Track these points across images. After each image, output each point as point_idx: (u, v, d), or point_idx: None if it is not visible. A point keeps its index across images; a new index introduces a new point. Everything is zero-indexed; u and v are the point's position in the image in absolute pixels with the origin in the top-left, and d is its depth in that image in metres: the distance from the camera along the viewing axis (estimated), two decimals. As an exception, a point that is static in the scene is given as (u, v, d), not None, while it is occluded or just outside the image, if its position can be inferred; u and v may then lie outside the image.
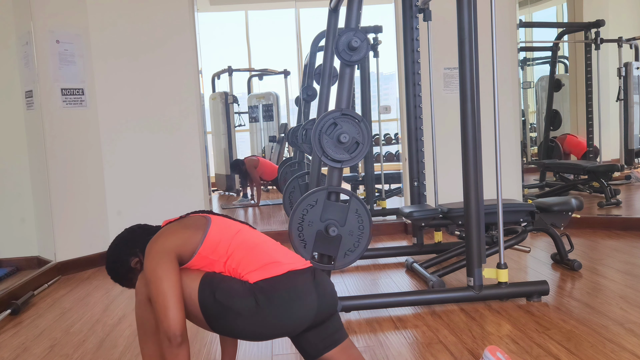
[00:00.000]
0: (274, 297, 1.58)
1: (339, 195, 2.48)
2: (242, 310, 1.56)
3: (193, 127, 4.15)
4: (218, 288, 1.59)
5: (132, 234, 1.78)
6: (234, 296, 1.57)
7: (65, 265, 3.79)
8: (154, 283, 1.56)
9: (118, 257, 1.75)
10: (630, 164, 5.60)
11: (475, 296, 2.65)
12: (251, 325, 1.58)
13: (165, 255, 1.59)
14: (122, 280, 1.79)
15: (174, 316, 1.52)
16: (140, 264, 1.74)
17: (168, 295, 1.54)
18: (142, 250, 1.73)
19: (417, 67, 3.80)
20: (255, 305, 1.56)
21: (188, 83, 4.14)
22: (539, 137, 6.03)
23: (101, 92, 4.05)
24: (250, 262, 1.63)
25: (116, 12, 4.02)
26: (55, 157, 3.77)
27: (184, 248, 1.63)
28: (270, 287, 1.59)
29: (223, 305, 1.57)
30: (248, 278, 1.60)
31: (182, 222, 1.72)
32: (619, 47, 5.40)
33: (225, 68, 8.06)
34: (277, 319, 1.58)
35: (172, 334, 1.52)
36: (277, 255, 1.67)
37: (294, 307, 1.59)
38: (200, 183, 4.19)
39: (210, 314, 1.59)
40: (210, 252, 1.64)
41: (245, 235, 1.71)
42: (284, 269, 1.63)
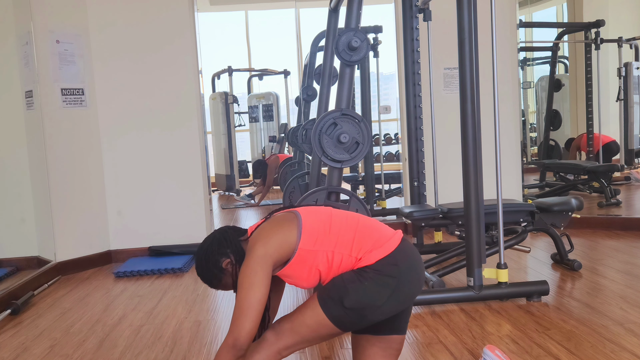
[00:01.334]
0: (399, 273, 1.56)
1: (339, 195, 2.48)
2: (376, 300, 1.54)
3: (193, 127, 4.15)
4: (342, 296, 1.54)
5: (224, 235, 1.71)
6: (362, 293, 1.54)
7: (65, 265, 3.79)
8: (245, 288, 1.53)
9: (210, 257, 1.69)
10: (630, 164, 5.60)
11: (475, 296, 2.65)
12: (389, 308, 1.57)
13: (264, 262, 1.55)
14: (211, 280, 1.72)
15: (250, 329, 1.50)
16: (231, 265, 1.67)
17: (252, 306, 1.51)
18: (233, 251, 1.68)
19: (417, 67, 3.80)
20: (385, 288, 1.55)
21: (188, 83, 4.14)
22: (539, 137, 6.04)
23: (101, 92, 4.05)
24: (361, 244, 1.59)
25: (116, 12, 4.02)
26: (55, 157, 3.77)
27: (283, 248, 1.58)
28: (392, 263, 1.57)
29: (357, 308, 1.54)
30: (366, 261, 1.56)
31: (273, 222, 1.66)
32: (619, 47, 5.40)
33: (225, 68, 8.07)
34: (407, 292, 1.59)
35: (240, 344, 1.50)
36: (381, 230, 1.65)
37: (415, 276, 1.60)
38: (200, 183, 4.19)
39: (347, 322, 1.56)
40: (312, 244, 1.58)
41: (340, 218, 1.66)
42: (394, 242, 1.61)
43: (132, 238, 4.11)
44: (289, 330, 1.59)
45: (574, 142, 5.77)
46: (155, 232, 4.11)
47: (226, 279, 1.69)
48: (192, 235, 4.11)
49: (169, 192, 4.14)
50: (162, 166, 4.13)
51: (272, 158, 6.74)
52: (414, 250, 1.65)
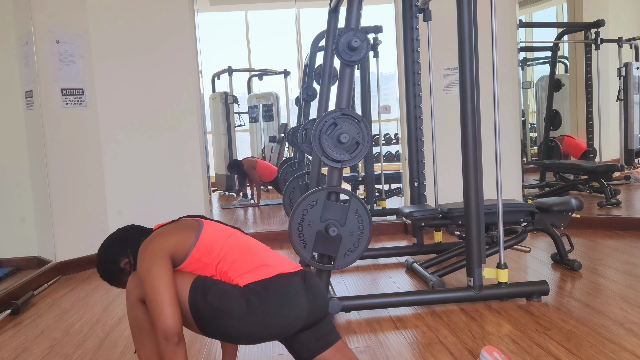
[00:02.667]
0: (265, 299, 1.58)
1: (339, 195, 2.48)
2: (234, 312, 1.56)
3: (193, 127, 4.15)
4: (210, 290, 1.58)
5: (125, 234, 1.79)
6: (226, 298, 1.57)
7: (65, 265, 3.79)
8: (149, 282, 1.55)
9: (109, 256, 1.76)
10: (630, 164, 5.60)
11: (475, 296, 2.65)
12: (243, 327, 1.58)
13: (160, 255, 1.59)
14: (111, 279, 1.79)
15: (170, 314, 1.52)
16: (130, 264, 1.74)
17: (164, 294, 1.53)
18: (133, 251, 1.73)
19: (417, 67, 3.80)
20: (247, 307, 1.56)
21: (188, 83, 4.14)
22: (539, 137, 6.03)
23: (101, 92, 4.05)
24: (241, 265, 1.63)
25: (116, 12, 4.02)
26: (55, 157, 3.77)
27: (178, 249, 1.63)
28: (261, 289, 1.59)
29: (214, 307, 1.57)
30: (238, 281, 1.61)
31: (175, 225, 1.72)
32: (619, 47, 5.40)
33: (225, 68, 8.06)
34: (269, 321, 1.59)
35: (170, 332, 1.52)
36: (267, 259, 1.68)
37: (285, 309, 1.60)
38: (200, 183, 4.19)
39: (201, 316, 1.59)
40: (203, 255, 1.64)
41: (238, 239, 1.71)
42: (274, 271, 1.64)
43: (132, 238, 4.10)
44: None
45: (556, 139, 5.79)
46: (155, 232, 4.11)
47: (124, 278, 1.75)
48: (192, 235, 4.10)
49: (169, 192, 4.14)
50: (162, 166, 4.13)
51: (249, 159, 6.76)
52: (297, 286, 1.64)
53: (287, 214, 4.82)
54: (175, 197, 4.14)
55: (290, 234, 2.42)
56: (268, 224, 5.29)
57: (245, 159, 6.74)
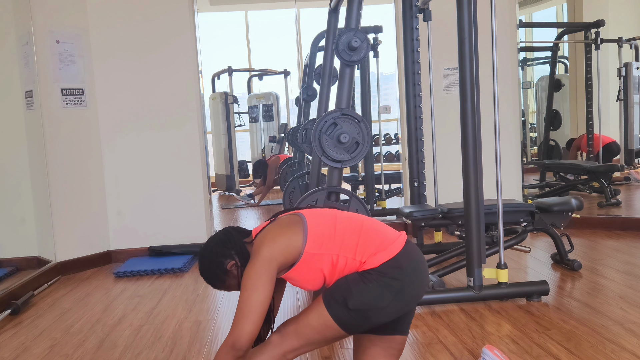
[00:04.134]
0: (403, 277, 1.56)
1: (339, 195, 2.48)
2: (380, 302, 1.54)
3: (193, 127, 4.15)
4: (346, 298, 1.54)
5: (228, 236, 1.70)
6: (367, 295, 1.54)
7: (65, 265, 3.79)
8: (248, 290, 1.52)
9: (214, 259, 1.68)
10: (630, 164, 5.60)
11: (475, 296, 2.65)
12: (393, 310, 1.57)
13: (269, 264, 1.55)
14: (214, 281, 1.71)
15: (250, 330, 1.50)
16: (235, 266, 1.66)
17: (255, 307, 1.51)
18: (237, 252, 1.67)
19: (417, 67, 3.80)
20: (389, 290, 1.54)
21: (188, 83, 4.13)
22: (539, 137, 6.03)
23: (101, 92, 4.05)
24: (366, 247, 1.59)
25: (116, 12, 4.02)
26: (55, 157, 3.77)
27: (289, 251, 1.58)
28: (396, 265, 1.56)
29: (362, 310, 1.54)
30: (371, 263, 1.56)
31: (278, 224, 1.66)
32: (619, 47, 5.40)
33: (225, 68, 8.07)
34: (412, 294, 1.58)
35: (239, 345, 1.49)
36: (385, 233, 1.64)
37: (419, 277, 1.60)
38: (200, 183, 4.19)
39: (351, 324, 1.56)
40: (317, 247, 1.58)
41: (345, 220, 1.66)
42: (399, 245, 1.61)
43: (132, 238, 4.11)
44: (294, 332, 1.58)
45: (575, 142, 5.77)
46: (155, 232, 4.11)
47: (230, 280, 1.68)
48: (192, 235, 4.11)
49: (169, 192, 4.14)
50: (162, 166, 4.13)
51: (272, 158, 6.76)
52: (418, 253, 1.65)
53: (287, 214, 4.81)
54: (175, 197, 4.14)
55: (290, 234, 2.42)
56: (268, 224, 5.28)
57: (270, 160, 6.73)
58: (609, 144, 5.47)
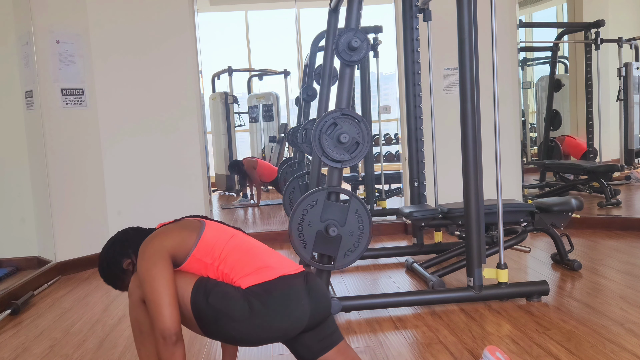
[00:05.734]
0: (267, 302, 1.57)
1: (339, 195, 2.48)
2: (236, 314, 1.56)
3: (193, 127, 4.15)
4: (212, 292, 1.58)
5: (125, 235, 1.79)
6: (228, 300, 1.56)
7: (65, 265, 3.79)
8: (148, 282, 1.55)
9: (110, 259, 1.75)
10: (630, 164, 5.60)
11: (475, 296, 2.65)
12: (245, 329, 1.57)
13: (160, 255, 1.58)
14: (114, 282, 1.79)
15: (169, 314, 1.52)
16: (132, 265, 1.74)
17: (163, 294, 1.53)
18: (135, 252, 1.72)
19: (417, 67, 3.80)
20: (249, 310, 1.56)
21: (188, 83, 4.14)
22: (539, 137, 6.03)
23: (101, 92, 4.05)
24: (242, 267, 1.62)
25: (116, 12, 4.02)
26: (55, 157, 3.77)
27: (179, 249, 1.62)
28: (263, 291, 1.58)
29: (216, 309, 1.56)
30: (240, 283, 1.60)
31: (177, 224, 1.71)
32: (619, 47, 5.40)
33: (225, 68, 8.06)
34: (271, 323, 1.58)
35: (168, 332, 1.52)
36: (269, 260, 1.67)
37: (287, 311, 1.59)
38: (200, 183, 4.19)
39: (202, 317, 1.58)
40: (204, 255, 1.63)
41: (239, 240, 1.70)
42: (276, 273, 1.63)
43: (132, 238, 4.10)
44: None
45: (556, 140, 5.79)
46: (155, 232, 4.11)
47: (128, 279, 1.74)
48: (192, 235, 4.11)
49: (169, 192, 4.14)
50: (162, 166, 4.13)
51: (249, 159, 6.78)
52: (299, 288, 1.63)
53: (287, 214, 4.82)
54: (175, 197, 4.14)
55: (290, 234, 2.43)
56: (268, 224, 5.29)
57: (246, 159, 6.75)
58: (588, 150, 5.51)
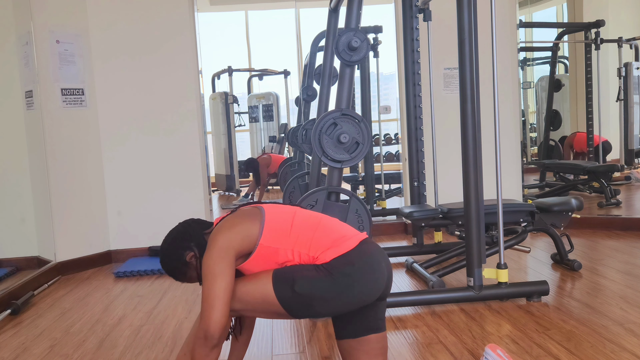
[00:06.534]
0: (352, 272, 1.57)
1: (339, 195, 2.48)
2: (326, 294, 1.55)
3: (193, 127, 4.15)
4: (295, 280, 1.56)
5: (187, 228, 1.74)
6: (314, 283, 1.55)
7: (65, 265, 3.79)
8: (208, 280, 1.55)
9: (173, 251, 1.71)
10: (630, 164, 5.60)
11: (475, 296, 2.65)
12: (335, 304, 1.57)
13: (225, 252, 1.57)
14: (175, 274, 1.75)
15: (218, 317, 1.52)
16: (195, 258, 1.70)
17: (219, 295, 1.52)
18: (196, 244, 1.70)
19: (417, 67, 3.80)
20: (336, 286, 1.55)
21: (188, 83, 4.14)
22: (539, 137, 6.03)
23: (101, 92, 4.05)
24: (319, 242, 1.61)
25: (116, 12, 4.02)
26: (55, 157, 3.77)
27: (244, 241, 1.60)
28: (347, 262, 1.57)
29: (306, 296, 1.55)
30: (322, 258, 1.58)
31: (236, 215, 1.68)
32: (619, 47, 5.40)
33: (225, 68, 8.06)
34: (359, 293, 1.58)
35: (211, 334, 1.51)
36: (341, 230, 1.66)
37: (372, 277, 1.60)
38: (200, 183, 4.19)
39: (294, 307, 1.57)
40: (273, 241, 1.61)
41: (303, 216, 1.68)
42: (353, 242, 1.62)
43: (132, 238, 4.11)
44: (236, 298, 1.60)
45: (567, 140, 5.78)
46: (155, 232, 4.09)
47: (190, 272, 1.72)
48: (192, 235, 4.11)
49: (169, 192, 4.14)
50: (162, 166, 4.13)
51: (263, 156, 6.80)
52: (375, 252, 1.65)
53: (287, 214, 4.81)
54: (175, 197, 4.14)
55: (290, 234, 2.42)
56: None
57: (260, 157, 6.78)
58: (602, 143, 5.48)
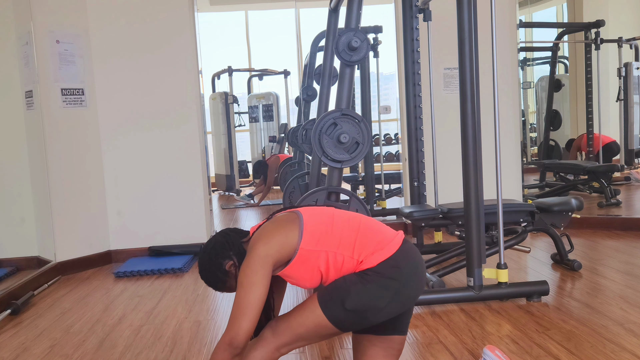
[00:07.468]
0: (401, 275, 1.56)
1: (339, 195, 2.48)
2: (378, 303, 1.54)
3: (193, 127, 4.15)
4: (344, 298, 1.54)
5: (225, 237, 1.71)
6: (365, 295, 1.54)
7: (65, 265, 3.79)
8: (243, 288, 1.53)
9: (213, 261, 1.68)
10: (630, 164, 5.60)
11: (475, 296, 2.65)
12: (388, 309, 1.56)
13: (264, 261, 1.55)
14: (215, 284, 1.72)
15: (247, 328, 1.50)
16: (234, 267, 1.67)
17: (251, 305, 1.51)
18: (235, 253, 1.67)
19: (417, 67, 3.80)
20: (387, 291, 1.54)
21: (188, 83, 4.13)
22: (539, 137, 6.04)
23: (101, 92, 4.05)
24: (364, 246, 1.58)
25: (116, 12, 4.02)
26: (55, 157, 3.77)
27: (284, 248, 1.58)
28: (394, 265, 1.56)
29: (360, 311, 1.54)
30: (368, 263, 1.56)
31: (273, 222, 1.66)
32: (619, 47, 5.40)
33: (225, 68, 8.07)
34: (407, 297, 1.58)
35: (237, 343, 1.50)
36: (383, 232, 1.64)
37: (416, 277, 1.59)
38: (200, 183, 4.19)
39: (348, 324, 1.56)
40: (314, 244, 1.58)
41: (343, 218, 1.66)
42: (396, 244, 1.61)
43: (132, 238, 4.11)
44: (287, 329, 1.59)
45: (575, 142, 5.77)
46: (155, 232, 4.12)
47: (230, 281, 1.68)
48: (192, 236, 4.11)
49: (169, 192, 4.14)
50: (162, 166, 4.13)
51: (272, 158, 6.77)
52: (415, 252, 1.65)
53: (287, 214, 4.82)
54: (175, 197, 4.14)
55: (290, 234, 2.42)
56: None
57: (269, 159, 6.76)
58: (608, 144, 5.47)
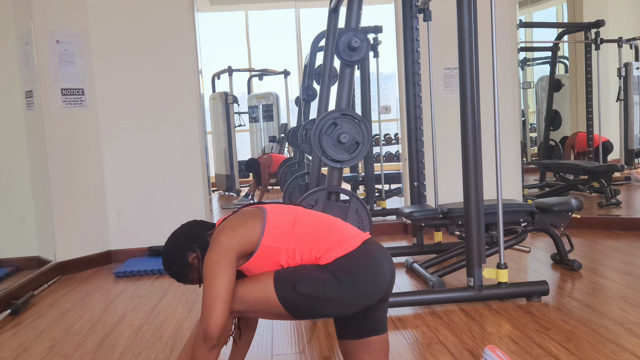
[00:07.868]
0: (356, 272, 1.56)
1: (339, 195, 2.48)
2: (329, 295, 1.55)
3: (193, 127, 4.15)
4: (297, 281, 1.55)
5: (190, 229, 1.75)
6: (317, 284, 1.55)
7: (65, 265, 3.79)
8: (209, 279, 1.55)
9: (176, 253, 1.72)
10: (630, 164, 5.60)
11: (475, 296, 2.65)
12: (339, 305, 1.57)
13: (226, 252, 1.56)
14: (178, 276, 1.75)
15: (217, 318, 1.51)
16: (198, 259, 1.70)
17: (218, 295, 1.52)
18: (199, 245, 1.70)
19: (417, 67, 3.80)
20: (340, 286, 1.54)
21: (188, 83, 4.14)
22: (539, 137, 6.03)
23: (101, 92, 4.05)
24: (322, 242, 1.60)
25: (116, 12, 4.02)
26: (55, 157, 3.77)
27: (246, 241, 1.60)
28: (350, 262, 1.57)
29: (309, 296, 1.54)
30: (325, 258, 1.57)
31: (238, 216, 1.68)
32: (619, 47, 5.40)
33: (225, 68, 8.06)
34: (363, 293, 1.58)
35: (210, 335, 1.51)
36: (344, 230, 1.66)
37: (375, 277, 1.59)
38: (200, 183, 4.19)
39: (296, 308, 1.57)
40: (275, 240, 1.60)
41: (306, 216, 1.68)
42: (356, 242, 1.62)
43: (132, 238, 4.11)
44: (237, 298, 1.60)
45: (568, 140, 5.78)
46: (155, 232, 4.11)
47: (192, 273, 1.72)
48: (192, 235, 4.11)
49: (169, 192, 4.14)
50: (162, 166, 4.13)
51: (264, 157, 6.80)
52: (379, 252, 1.65)
53: (287, 214, 4.81)
54: (175, 197, 4.14)
55: (290, 234, 2.42)
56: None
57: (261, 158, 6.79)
58: (602, 143, 5.47)
